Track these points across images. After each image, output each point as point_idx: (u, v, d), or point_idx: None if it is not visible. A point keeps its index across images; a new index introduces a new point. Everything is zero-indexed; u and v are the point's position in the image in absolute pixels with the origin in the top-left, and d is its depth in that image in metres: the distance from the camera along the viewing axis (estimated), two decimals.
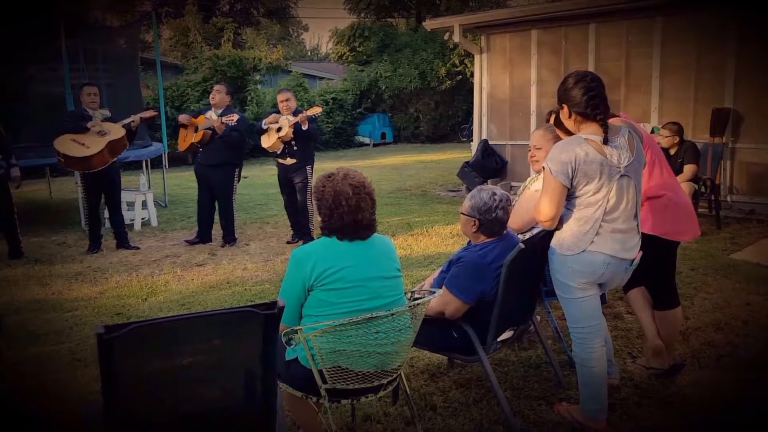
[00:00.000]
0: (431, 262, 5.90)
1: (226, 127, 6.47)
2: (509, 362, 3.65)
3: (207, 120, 6.60)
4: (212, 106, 6.76)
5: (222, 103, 6.72)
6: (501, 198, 2.94)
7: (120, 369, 1.81)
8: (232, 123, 6.52)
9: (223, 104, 6.72)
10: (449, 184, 11.35)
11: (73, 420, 3.13)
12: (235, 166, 6.78)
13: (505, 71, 10.15)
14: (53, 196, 10.90)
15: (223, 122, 6.46)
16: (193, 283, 5.54)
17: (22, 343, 4.13)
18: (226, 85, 7.17)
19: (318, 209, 2.51)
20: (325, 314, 2.40)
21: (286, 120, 6.56)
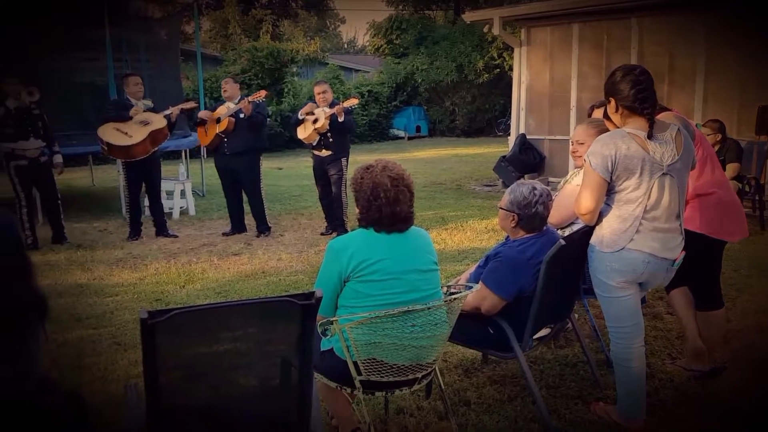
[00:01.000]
0: (465, 257, 5.87)
1: (253, 104, 6.50)
2: (545, 360, 3.60)
3: (228, 108, 6.62)
4: (226, 99, 6.79)
5: (234, 94, 6.77)
6: (541, 193, 2.89)
7: (161, 353, 1.85)
8: (259, 99, 6.56)
9: (235, 95, 6.77)
10: (485, 178, 11.26)
11: (115, 401, 3.21)
12: (260, 151, 6.84)
13: (545, 65, 10.00)
14: (95, 183, 11.17)
15: (249, 101, 6.50)
16: (229, 272, 5.61)
17: (65, 326, 4.24)
18: (232, 77, 7.24)
19: (356, 201, 2.51)
20: (361, 306, 2.40)
21: (322, 111, 6.58)
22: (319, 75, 19.45)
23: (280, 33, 26.67)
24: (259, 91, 6.80)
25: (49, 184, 6.56)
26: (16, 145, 6.23)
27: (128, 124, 6.46)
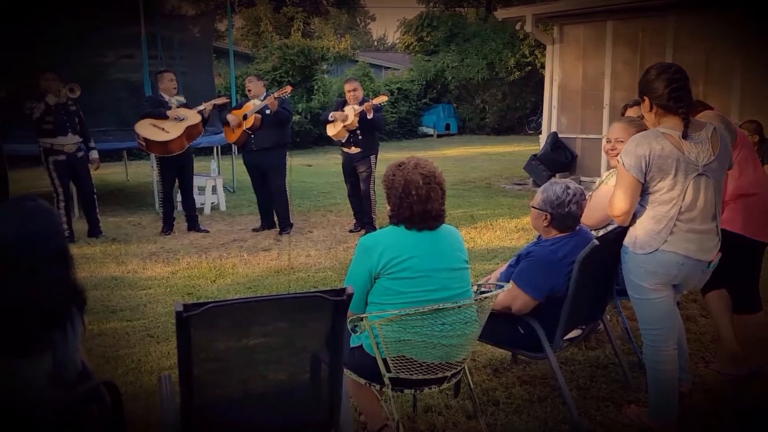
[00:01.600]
0: (495, 256, 5.83)
1: (279, 100, 6.55)
2: (575, 361, 3.57)
3: (254, 105, 6.68)
4: (250, 97, 6.84)
5: (259, 92, 6.82)
6: (575, 192, 2.86)
7: (194, 346, 1.88)
8: (285, 95, 6.61)
9: (260, 92, 6.83)
10: (515, 177, 11.17)
11: (147, 391, 3.27)
12: (286, 146, 6.90)
13: (577, 63, 9.88)
14: (129, 178, 11.37)
15: (275, 97, 6.54)
16: (258, 267, 5.67)
17: (100, 317, 4.34)
18: (256, 74, 7.29)
19: (387, 198, 2.51)
20: (391, 303, 2.40)
21: (351, 109, 6.60)
22: (349, 72, 19.49)
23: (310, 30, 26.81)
24: (285, 87, 6.85)
25: (85, 179, 6.70)
26: (55, 141, 6.38)
27: (165, 120, 6.57)
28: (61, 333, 1.92)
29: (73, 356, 2.08)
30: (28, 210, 1.95)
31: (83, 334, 2.23)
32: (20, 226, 1.89)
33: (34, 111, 6.21)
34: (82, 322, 2.01)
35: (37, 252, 1.88)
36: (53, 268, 1.89)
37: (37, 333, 1.86)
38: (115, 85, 12.65)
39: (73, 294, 1.96)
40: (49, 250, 1.90)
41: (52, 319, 1.89)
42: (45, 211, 1.96)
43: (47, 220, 1.95)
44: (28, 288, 1.86)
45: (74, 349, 2.07)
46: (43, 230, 1.91)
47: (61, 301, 1.91)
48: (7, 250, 1.86)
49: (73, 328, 1.96)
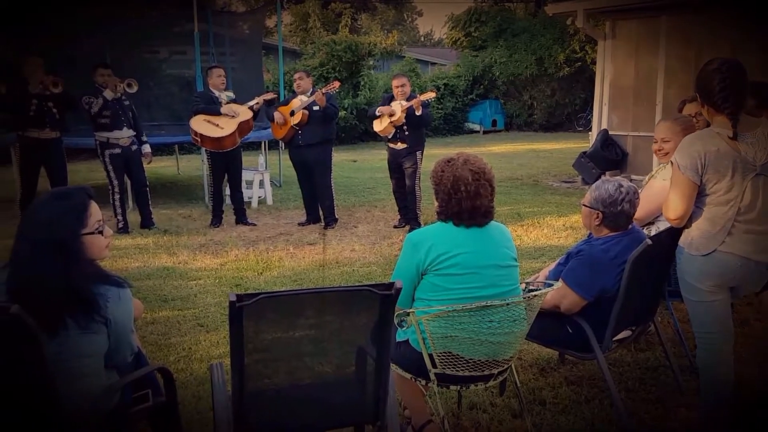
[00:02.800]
0: (542, 255, 5.76)
1: (327, 95, 6.60)
2: (625, 363, 3.50)
3: (301, 101, 6.73)
4: (298, 92, 6.89)
5: (307, 88, 6.88)
6: (627, 191, 2.80)
7: (246, 335, 1.91)
8: (334, 90, 6.65)
9: (308, 88, 6.88)
10: (563, 174, 10.99)
11: (198, 379, 3.36)
12: (332, 141, 6.96)
13: (630, 59, 9.63)
14: (180, 172, 11.64)
15: (323, 92, 6.59)
16: (304, 261, 5.73)
17: (153, 306, 4.47)
18: (305, 70, 7.34)
19: (435, 194, 2.51)
20: (438, 299, 2.40)
21: (399, 105, 6.59)
22: (396, 68, 19.47)
23: (357, 26, 26.91)
24: (333, 82, 6.89)
25: (138, 172, 6.90)
26: (111, 135, 6.58)
27: (218, 117, 6.71)
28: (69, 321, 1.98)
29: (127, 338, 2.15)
30: (50, 197, 2.05)
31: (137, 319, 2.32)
32: (34, 211, 2.00)
33: (92, 105, 6.42)
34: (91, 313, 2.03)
35: (39, 237, 1.96)
36: (53, 255, 1.96)
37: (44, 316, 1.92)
38: (168, 80, 13.00)
39: (67, 287, 1.98)
40: (52, 238, 1.97)
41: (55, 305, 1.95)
42: (61, 199, 2.04)
43: (57, 208, 2.02)
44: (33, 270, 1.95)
45: (128, 332, 2.15)
46: (46, 217, 1.99)
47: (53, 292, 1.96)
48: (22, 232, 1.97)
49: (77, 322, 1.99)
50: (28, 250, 1.96)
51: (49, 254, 1.96)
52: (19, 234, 2.01)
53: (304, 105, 6.67)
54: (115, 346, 2.09)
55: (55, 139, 6.50)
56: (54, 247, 1.97)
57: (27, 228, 2.00)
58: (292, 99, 6.95)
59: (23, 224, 2.02)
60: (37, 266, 1.95)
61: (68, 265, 1.97)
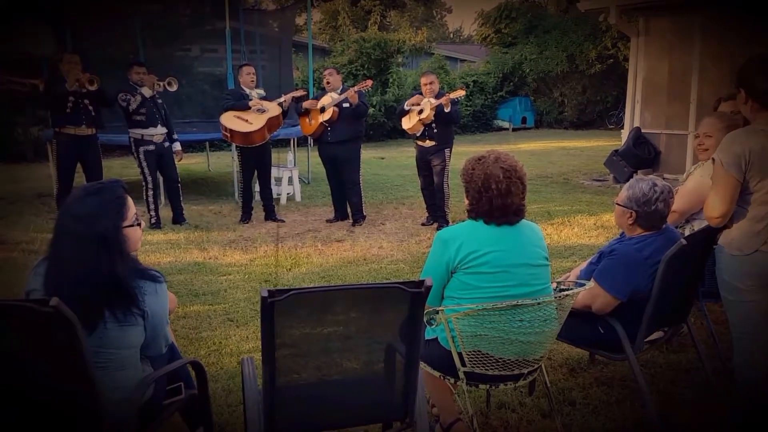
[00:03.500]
0: (572, 254, 5.70)
1: (359, 93, 6.61)
2: (657, 364, 3.45)
3: (332, 98, 6.75)
4: (328, 90, 6.90)
5: (337, 85, 6.89)
6: (662, 190, 2.75)
7: (277, 330, 1.93)
8: (366, 89, 6.66)
9: (338, 85, 6.89)
10: (594, 172, 10.85)
11: (228, 373, 3.40)
12: (361, 139, 6.99)
13: (663, 56, 9.46)
14: (211, 168, 11.78)
15: (355, 91, 6.60)
16: (332, 258, 5.76)
17: (184, 300, 4.53)
18: (335, 67, 7.34)
19: (466, 192, 2.50)
20: (468, 297, 2.39)
21: (428, 102, 6.57)
22: (425, 65, 19.43)
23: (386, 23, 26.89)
24: (365, 81, 6.90)
25: (171, 168, 7.01)
26: (145, 131, 6.71)
27: (247, 112, 6.78)
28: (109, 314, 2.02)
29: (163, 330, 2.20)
30: (87, 190, 2.08)
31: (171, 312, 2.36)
32: (75, 205, 2.03)
33: (130, 103, 6.54)
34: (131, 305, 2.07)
35: (80, 230, 1.99)
36: (96, 249, 1.99)
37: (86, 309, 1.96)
38: (199, 78, 13.15)
39: (110, 280, 2.02)
40: (94, 232, 2.00)
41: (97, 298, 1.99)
42: (100, 192, 2.07)
43: (98, 201, 2.05)
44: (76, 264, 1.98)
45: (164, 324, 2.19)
46: (90, 210, 2.02)
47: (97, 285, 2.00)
48: (63, 226, 2.01)
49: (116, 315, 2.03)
50: (70, 245, 2.00)
51: (92, 248, 1.99)
52: (59, 229, 2.05)
53: (334, 102, 6.69)
54: (151, 338, 2.14)
55: (91, 135, 6.63)
56: (97, 240, 2.00)
57: (67, 223, 2.03)
58: (321, 96, 6.98)
59: (63, 219, 2.06)
60: (80, 260, 1.99)
61: (111, 258, 2.01)
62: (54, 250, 2.04)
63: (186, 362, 2.36)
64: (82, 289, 1.96)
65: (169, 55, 11.79)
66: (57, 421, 2.00)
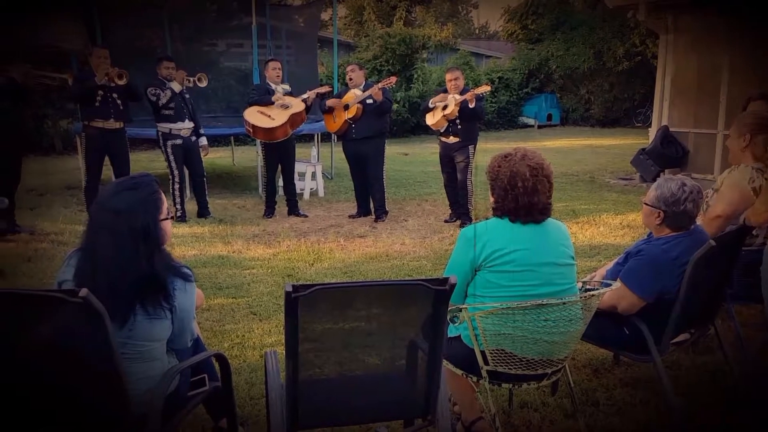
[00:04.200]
0: (597, 253, 5.63)
1: (383, 90, 6.60)
2: (682, 366, 3.40)
3: (356, 95, 6.74)
4: (351, 86, 6.89)
5: (360, 81, 6.87)
6: (691, 190, 2.70)
7: (299, 325, 1.94)
8: (390, 86, 6.65)
9: (361, 82, 6.88)
10: (620, 171, 10.71)
11: (251, 366, 3.43)
12: (385, 135, 6.98)
13: (692, 54, 9.28)
14: (235, 163, 11.88)
15: (379, 88, 6.59)
16: (354, 253, 5.77)
17: (208, 293, 4.57)
18: (357, 63, 7.32)
19: (491, 189, 2.48)
20: (492, 296, 2.38)
21: (452, 98, 6.54)
22: (450, 61, 19.33)
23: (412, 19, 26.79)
24: (389, 78, 6.89)
25: (197, 162, 7.09)
26: (173, 126, 6.79)
27: (270, 108, 6.82)
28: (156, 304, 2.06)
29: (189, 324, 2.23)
30: (124, 185, 2.11)
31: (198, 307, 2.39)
32: (113, 199, 2.05)
33: (160, 97, 6.63)
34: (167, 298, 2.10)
35: (120, 226, 2.02)
36: (134, 243, 2.02)
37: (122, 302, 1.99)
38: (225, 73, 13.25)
39: (152, 271, 2.05)
40: (133, 226, 2.03)
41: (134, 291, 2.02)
42: (139, 188, 2.10)
43: (137, 196, 2.08)
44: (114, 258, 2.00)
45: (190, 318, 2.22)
46: (130, 205, 2.05)
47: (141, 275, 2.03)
48: (100, 220, 2.03)
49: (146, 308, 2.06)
50: (110, 239, 2.02)
51: (133, 242, 2.02)
52: (97, 223, 2.06)
53: (358, 99, 6.69)
54: (177, 332, 2.17)
55: (119, 129, 6.72)
56: (137, 235, 2.03)
57: (105, 217, 2.05)
58: (345, 92, 6.98)
59: (100, 214, 2.07)
60: (119, 254, 2.01)
61: (150, 252, 2.05)
62: (90, 244, 2.06)
63: (210, 355, 2.39)
64: (119, 283, 1.99)
65: (196, 50, 11.90)
66: (85, 410, 2.03)
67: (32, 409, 2.03)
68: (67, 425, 2.09)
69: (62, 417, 2.05)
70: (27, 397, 2.02)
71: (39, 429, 2.03)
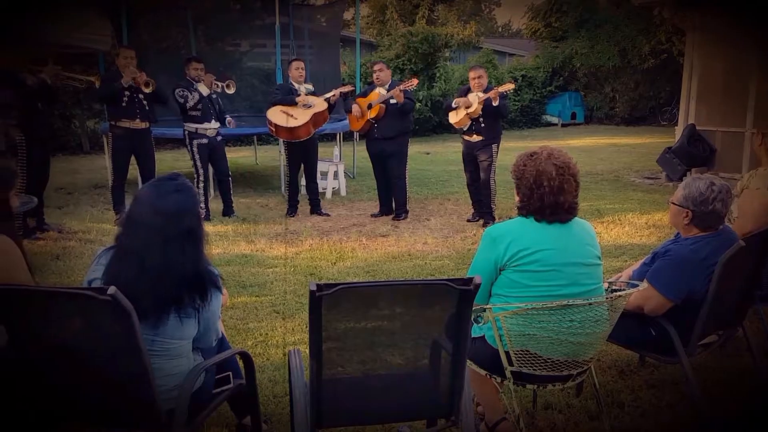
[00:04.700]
0: (623, 253, 5.57)
1: (404, 92, 6.59)
2: (709, 368, 3.34)
3: (380, 95, 6.74)
4: (377, 84, 6.87)
5: (386, 80, 6.86)
6: (720, 189, 2.66)
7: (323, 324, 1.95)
8: (412, 88, 6.63)
9: (388, 80, 6.86)
10: (646, 170, 10.57)
11: (274, 363, 3.45)
12: (408, 134, 6.96)
13: (720, 51, 9.11)
14: (258, 162, 11.95)
15: (401, 90, 6.58)
16: (376, 252, 5.77)
17: (232, 292, 4.61)
18: (385, 62, 7.30)
19: (516, 188, 2.46)
20: (517, 296, 2.36)
21: (476, 96, 6.51)
22: (472, 60, 19.23)
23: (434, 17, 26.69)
24: (411, 80, 6.85)
25: (222, 162, 7.16)
26: (200, 126, 6.88)
27: (293, 107, 6.85)
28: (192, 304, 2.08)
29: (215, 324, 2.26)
30: (170, 187, 2.12)
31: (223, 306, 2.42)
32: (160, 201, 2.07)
33: (188, 100, 6.72)
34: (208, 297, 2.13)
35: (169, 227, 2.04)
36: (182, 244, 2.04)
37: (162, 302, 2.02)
38: (248, 73, 13.35)
39: (195, 271, 2.09)
40: (181, 227, 2.05)
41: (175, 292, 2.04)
42: (183, 190, 2.13)
43: (183, 198, 2.11)
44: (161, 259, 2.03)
45: (216, 318, 2.25)
46: (178, 207, 2.07)
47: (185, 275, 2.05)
48: (146, 222, 2.05)
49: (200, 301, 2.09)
50: (158, 241, 2.03)
51: (181, 243, 2.06)
52: (143, 225, 2.06)
53: (381, 99, 6.68)
54: (203, 331, 2.20)
55: (144, 129, 6.80)
56: (184, 236, 2.07)
57: (152, 219, 2.05)
58: (370, 91, 6.97)
59: (146, 216, 2.06)
60: (169, 255, 2.04)
61: (196, 251, 2.09)
62: (133, 244, 2.05)
63: (235, 353, 2.41)
64: (164, 283, 2.03)
65: (220, 50, 12.02)
66: (115, 404, 2.06)
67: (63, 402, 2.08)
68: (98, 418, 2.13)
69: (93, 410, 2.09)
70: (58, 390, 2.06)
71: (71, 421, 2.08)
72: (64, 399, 2.08)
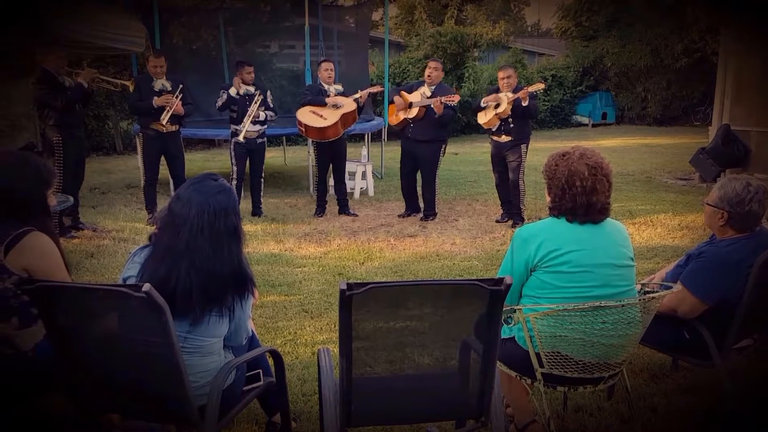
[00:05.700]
0: (655, 255, 5.48)
1: (444, 105, 6.54)
2: (743, 373, 3.26)
3: (422, 98, 6.71)
4: (428, 83, 6.84)
5: (437, 80, 6.82)
6: (756, 190, 2.60)
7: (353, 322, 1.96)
8: (452, 104, 6.58)
9: (438, 81, 6.83)
10: (679, 171, 10.38)
11: (303, 362, 3.47)
12: (443, 141, 6.91)
13: (755, 49, 8.89)
14: (287, 162, 12.05)
15: (441, 102, 6.53)
16: (404, 253, 5.77)
17: (261, 291, 4.65)
18: (440, 61, 7.25)
19: (548, 188, 2.44)
20: (548, 297, 2.34)
21: (505, 96, 6.46)
22: (501, 59, 19.09)
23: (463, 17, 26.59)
24: (453, 95, 6.72)
25: (257, 163, 7.26)
26: (238, 126, 7.00)
27: (323, 108, 6.89)
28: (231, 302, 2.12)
29: (246, 323, 2.29)
30: (213, 188, 2.15)
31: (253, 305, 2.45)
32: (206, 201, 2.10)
33: (217, 100, 6.96)
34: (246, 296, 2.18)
35: (216, 226, 2.07)
36: (228, 243, 2.08)
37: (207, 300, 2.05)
38: (278, 74, 13.45)
39: (239, 270, 2.13)
40: (227, 226, 2.09)
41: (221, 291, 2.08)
42: (226, 190, 2.16)
43: (227, 198, 2.14)
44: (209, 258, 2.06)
45: (247, 317, 2.28)
46: (224, 207, 2.11)
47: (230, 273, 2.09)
48: (192, 221, 2.07)
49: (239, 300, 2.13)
50: (206, 239, 2.06)
51: (227, 242, 2.10)
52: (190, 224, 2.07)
53: (422, 103, 6.65)
54: (234, 329, 2.23)
55: (174, 131, 6.92)
56: (231, 235, 2.11)
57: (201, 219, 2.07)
58: (417, 87, 6.92)
59: (190, 214, 2.07)
60: (217, 254, 2.08)
61: (240, 249, 2.15)
62: (178, 243, 2.07)
63: (265, 350, 2.43)
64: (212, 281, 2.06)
65: (250, 51, 12.12)
66: (149, 398, 2.10)
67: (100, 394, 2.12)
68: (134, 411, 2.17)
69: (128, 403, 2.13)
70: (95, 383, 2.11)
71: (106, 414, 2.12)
72: (100, 391, 2.13)
